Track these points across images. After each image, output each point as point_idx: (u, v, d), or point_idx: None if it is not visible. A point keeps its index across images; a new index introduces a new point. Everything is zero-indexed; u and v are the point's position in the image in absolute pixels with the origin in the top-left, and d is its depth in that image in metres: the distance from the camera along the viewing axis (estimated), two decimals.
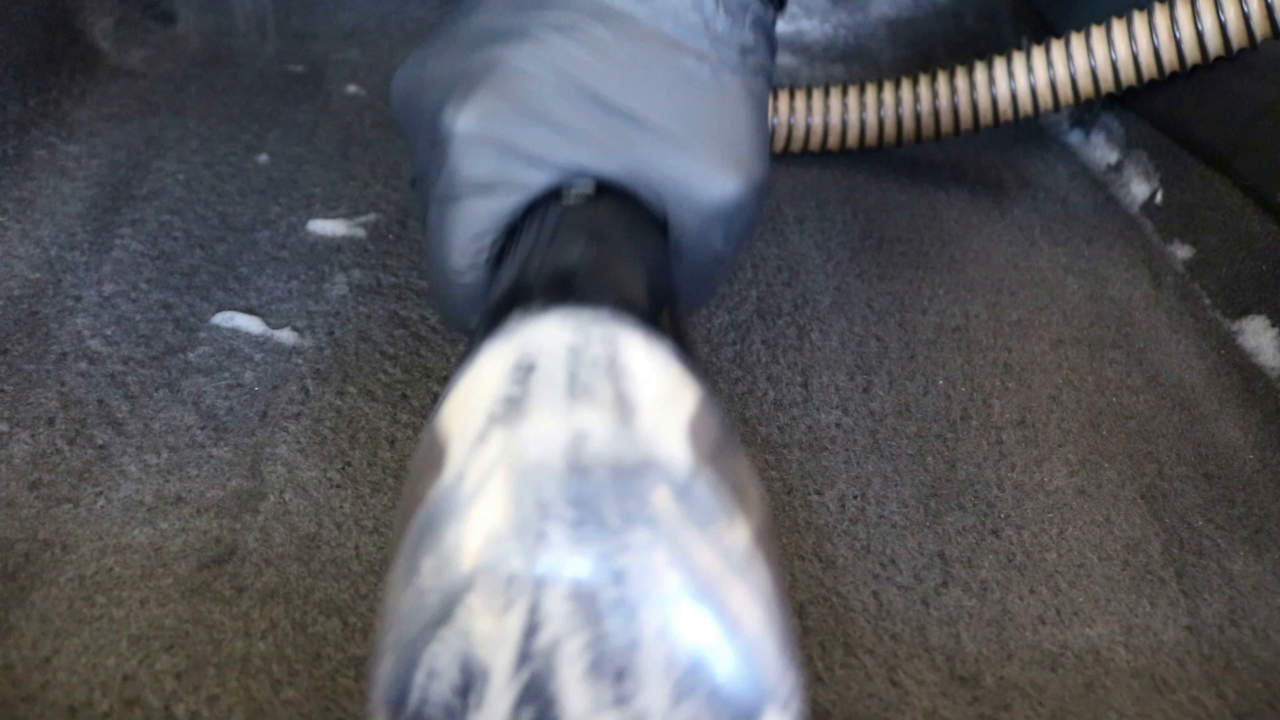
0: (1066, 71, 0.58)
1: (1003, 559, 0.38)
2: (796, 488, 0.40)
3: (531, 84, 0.32)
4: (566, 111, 0.32)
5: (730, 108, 0.34)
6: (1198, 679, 0.34)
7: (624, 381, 0.23)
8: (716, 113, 0.34)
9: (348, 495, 0.38)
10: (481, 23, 0.34)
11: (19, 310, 0.45)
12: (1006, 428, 0.44)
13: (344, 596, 0.34)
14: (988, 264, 0.56)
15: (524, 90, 0.32)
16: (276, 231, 0.52)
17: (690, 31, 0.34)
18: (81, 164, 0.56)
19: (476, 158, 0.32)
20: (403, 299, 0.48)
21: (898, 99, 0.61)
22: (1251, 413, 0.46)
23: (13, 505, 0.36)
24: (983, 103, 0.59)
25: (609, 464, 0.21)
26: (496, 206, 0.32)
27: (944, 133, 0.61)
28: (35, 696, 0.30)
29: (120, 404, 0.41)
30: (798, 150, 0.63)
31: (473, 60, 0.33)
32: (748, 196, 0.34)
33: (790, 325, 0.49)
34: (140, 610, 0.33)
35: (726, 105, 0.34)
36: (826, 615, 0.35)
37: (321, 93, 0.67)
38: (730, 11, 0.35)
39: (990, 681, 0.33)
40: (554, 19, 0.33)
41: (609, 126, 0.32)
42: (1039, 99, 0.59)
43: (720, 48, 0.34)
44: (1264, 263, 0.51)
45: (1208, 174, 0.57)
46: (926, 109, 0.60)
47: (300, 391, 0.42)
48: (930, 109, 0.60)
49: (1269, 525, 0.40)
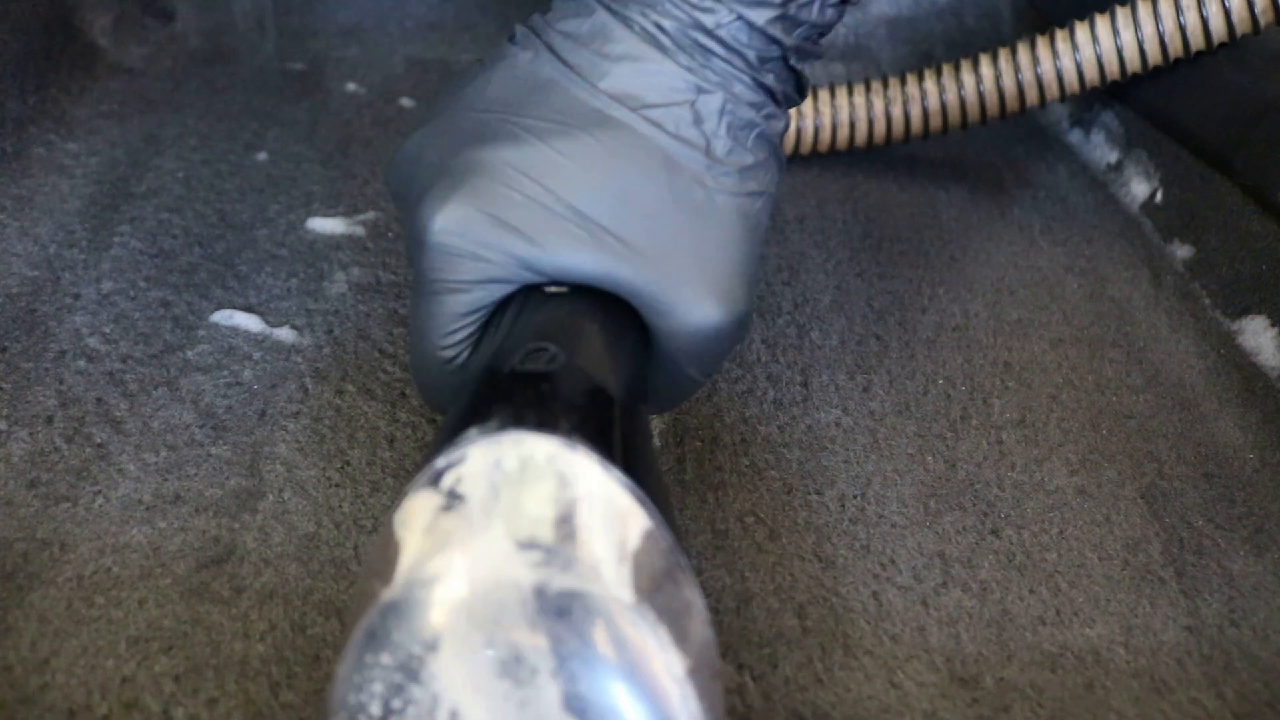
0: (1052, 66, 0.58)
1: (1002, 559, 0.38)
2: (796, 487, 0.40)
3: (509, 191, 0.31)
4: (542, 222, 0.31)
5: (720, 234, 0.33)
6: (1197, 679, 0.34)
7: (571, 512, 0.24)
8: (705, 238, 0.32)
9: (347, 494, 0.38)
10: (476, 116, 0.33)
11: (17, 308, 0.45)
12: (1006, 427, 0.44)
13: (343, 597, 0.34)
14: (988, 263, 0.56)
15: (500, 197, 0.31)
16: (275, 229, 0.52)
17: (688, 149, 0.32)
18: (80, 161, 0.56)
19: (448, 260, 0.31)
20: (401, 297, 0.48)
21: (904, 95, 0.61)
22: (1251, 413, 0.46)
23: (11, 504, 0.36)
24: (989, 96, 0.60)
25: (548, 596, 0.22)
26: (470, 304, 0.32)
27: (951, 127, 0.61)
28: (34, 699, 0.30)
29: (119, 402, 0.41)
30: (806, 153, 0.63)
31: (459, 159, 0.32)
32: (728, 328, 0.33)
33: (790, 324, 0.49)
34: (139, 611, 0.33)
35: (717, 231, 0.33)
36: (826, 616, 0.35)
37: (321, 90, 0.67)
38: (733, 131, 0.33)
39: (990, 682, 0.33)
40: (546, 124, 0.32)
41: (587, 240, 0.31)
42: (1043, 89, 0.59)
43: (717, 169, 0.33)
44: (1264, 263, 0.51)
45: (1208, 173, 0.57)
46: (934, 105, 0.60)
47: (299, 390, 0.42)
48: (938, 104, 0.60)
49: (1269, 525, 0.40)
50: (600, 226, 0.31)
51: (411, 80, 0.69)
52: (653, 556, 0.25)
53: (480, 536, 0.23)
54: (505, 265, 0.31)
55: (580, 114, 0.32)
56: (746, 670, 0.33)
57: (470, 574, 0.23)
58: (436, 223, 0.31)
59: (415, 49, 0.74)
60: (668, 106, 0.32)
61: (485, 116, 0.33)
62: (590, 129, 0.32)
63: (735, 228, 0.33)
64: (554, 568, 0.23)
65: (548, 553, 0.23)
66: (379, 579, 0.24)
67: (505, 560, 0.23)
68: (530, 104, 0.32)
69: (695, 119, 0.33)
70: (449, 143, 0.33)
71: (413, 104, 0.66)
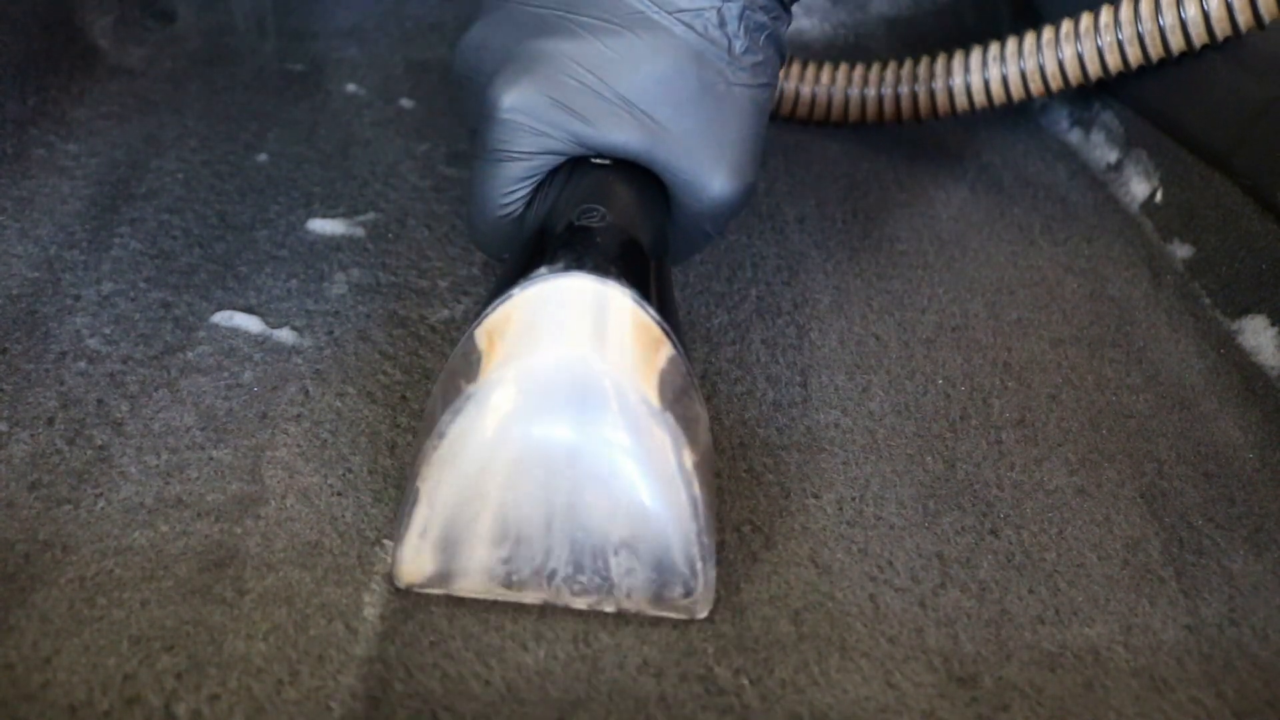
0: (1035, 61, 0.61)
1: (1001, 559, 0.38)
2: (794, 491, 0.40)
3: (568, 79, 0.38)
4: (595, 107, 0.38)
5: (737, 119, 0.40)
6: (1197, 678, 0.34)
7: (614, 331, 0.32)
8: (725, 123, 0.39)
9: (349, 503, 0.37)
10: (533, 11, 0.39)
11: (18, 309, 0.45)
12: (1006, 427, 0.44)
13: (348, 602, 0.34)
14: (987, 263, 0.56)
15: (561, 83, 0.38)
16: (275, 230, 0.52)
17: (713, 48, 0.39)
18: (80, 163, 0.56)
19: (514, 133, 0.38)
20: (402, 298, 0.48)
21: (898, 76, 0.64)
22: (1251, 412, 0.46)
23: (12, 506, 0.36)
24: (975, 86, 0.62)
25: (595, 384, 0.31)
26: (529, 170, 0.39)
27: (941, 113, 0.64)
28: (35, 695, 0.30)
29: (120, 404, 0.41)
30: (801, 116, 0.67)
31: (523, 47, 0.38)
32: (740, 196, 0.40)
33: (790, 325, 0.49)
34: (141, 611, 0.33)
35: (734, 117, 0.39)
36: (822, 620, 0.35)
37: (321, 91, 0.67)
38: (750, 32, 0.39)
39: (989, 682, 0.33)
40: (598, 22, 0.38)
41: (631, 123, 0.38)
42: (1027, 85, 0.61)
43: (736, 65, 0.39)
44: (1264, 262, 0.51)
45: (1208, 173, 0.57)
46: (924, 91, 0.63)
47: (300, 392, 0.42)
48: (927, 91, 0.63)
49: (1269, 525, 0.40)
50: (642, 112, 0.38)
51: (411, 81, 0.69)
52: (674, 376, 0.33)
53: (543, 346, 0.32)
54: (561, 140, 0.38)
55: (625, 15, 0.38)
56: (743, 674, 0.33)
57: (531, 372, 0.31)
58: (506, 101, 0.38)
59: (415, 50, 0.74)
60: (698, 11, 0.38)
61: (542, 12, 0.39)
62: (634, 28, 0.38)
63: (748, 115, 0.40)
64: (597, 371, 0.31)
65: (595, 359, 0.31)
66: (464, 378, 0.32)
67: (561, 361, 0.31)
68: (581, 4, 0.38)
69: (720, 22, 0.38)
70: (511, 33, 0.39)
71: (413, 105, 0.66)
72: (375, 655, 0.32)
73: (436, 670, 0.32)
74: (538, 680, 0.32)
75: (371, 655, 0.32)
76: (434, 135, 0.62)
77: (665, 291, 0.36)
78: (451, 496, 0.32)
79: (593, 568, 0.33)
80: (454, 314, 0.47)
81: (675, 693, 0.32)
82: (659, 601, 0.33)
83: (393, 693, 0.31)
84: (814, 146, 0.66)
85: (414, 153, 0.61)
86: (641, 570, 0.33)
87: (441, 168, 0.59)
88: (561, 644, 0.33)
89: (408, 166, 0.59)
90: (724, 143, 0.39)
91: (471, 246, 0.52)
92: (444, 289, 0.49)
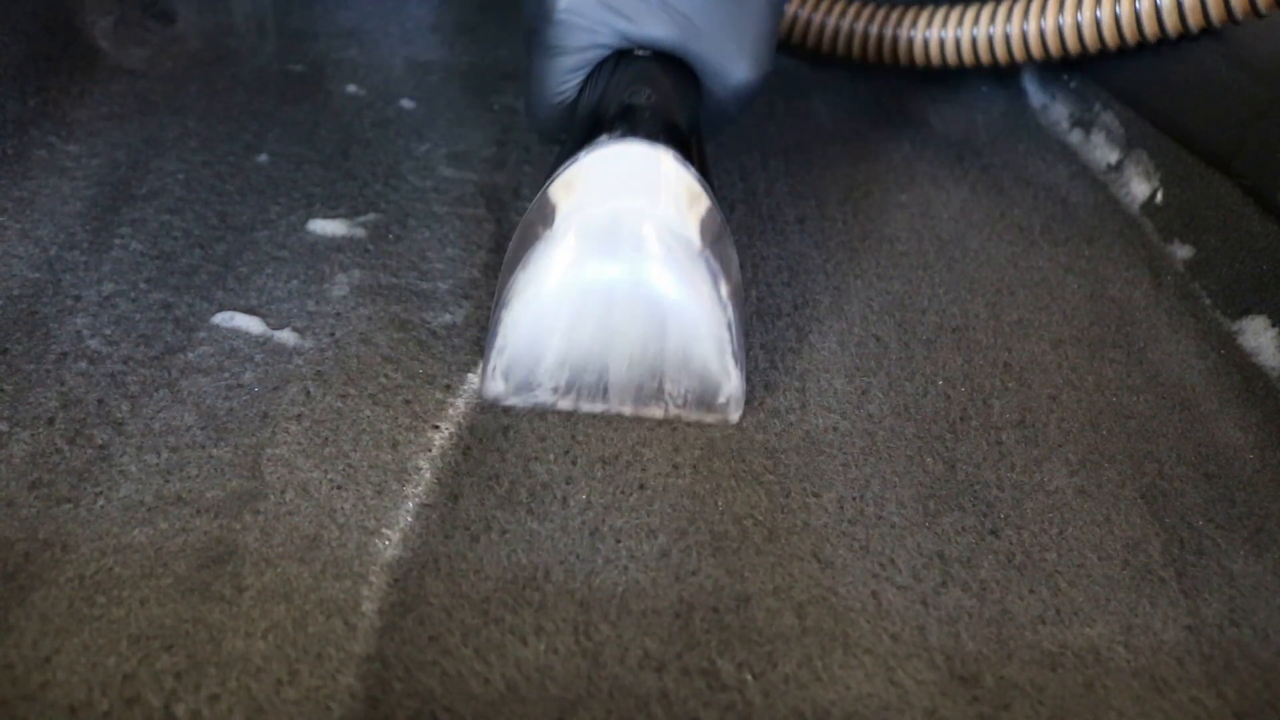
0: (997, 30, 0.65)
1: (1002, 559, 0.38)
2: (794, 490, 0.40)
3: None
4: (637, 6, 0.45)
5: (757, 16, 0.46)
6: (1198, 679, 0.34)
7: (664, 186, 0.39)
8: (746, 20, 0.46)
9: (349, 496, 0.38)
10: None
11: (18, 310, 0.45)
12: (1006, 428, 0.44)
13: (346, 597, 0.34)
14: (987, 264, 0.56)
15: None
16: (276, 231, 0.52)
17: None
18: (81, 163, 0.56)
19: (569, 29, 0.45)
20: (403, 300, 0.48)
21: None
22: (1251, 413, 0.46)
23: (12, 505, 0.36)
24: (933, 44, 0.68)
25: (648, 228, 0.38)
26: (581, 61, 0.46)
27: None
28: (35, 695, 0.30)
29: (120, 404, 0.41)
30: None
31: None
32: (758, 82, 0.47)
33: (789, 326, 0.49)
34: (140, 610, 0.33)
35: (754, 14, 0.46)
36: (825, 615, 0.35)
37: (321, 92, 0.67)
38: None
39: (990, 681, 0.33)
40: None
41: (668, 20, 0.45)
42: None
43: None
44: (1264, 263, 0.51)
45: (1208, 174, 0.57)
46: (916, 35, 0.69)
47: (301, 393, 0.42)
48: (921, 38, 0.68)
49: (1269, 525, 0.40)
50: (676, 10, 0.45)
51: (411, 81, 0.69)
52: (712, 223, 0.40)
53: (607, 196, 0.38)
54: (609, 35, 0.45)
55: None
56: (746, 668, 0.33)
57: (597, 217, 0.38)
58: (562, 3, 0.44)
59: (416, 51, 0.74)
60: None
61: None
62: None
63: (766, 13, 0.46)
64: (650, 213, 0.38)
65: (649, 205, 0.38)
66: (541, 224, 0.39)
67: (620, 208, 0.38)
68: None
69: None
70: None
71: (413, 105, 0.66)
72: (374, 653, 0.32)
73: (436, 668, 0.32)
74: (537, 677, 0.32)
75: (370, 653, 0.32)
76: (434, 135, 0.62)
77: (702, 158, 0.43)
78: (528, 321, 0.39)
79: (643, 381, 0.40)
80: (455, 319, 0.47)
81: (677, 689, 0.32)
82: (701, 406, 0.41)
83: (392, 692, 0.31)
84: (814, 147, 0.66)
85: (414, 153, 0.61)
86: (686, 381, 0.40)
87: (441, 168, 0.59)
88: (562, 636, 0.33)
89: (408, 167, 0.59)
90: (746, 37, 0.46)
91: (472, 248, 0.52)
92: (444, 291, 0.49)
